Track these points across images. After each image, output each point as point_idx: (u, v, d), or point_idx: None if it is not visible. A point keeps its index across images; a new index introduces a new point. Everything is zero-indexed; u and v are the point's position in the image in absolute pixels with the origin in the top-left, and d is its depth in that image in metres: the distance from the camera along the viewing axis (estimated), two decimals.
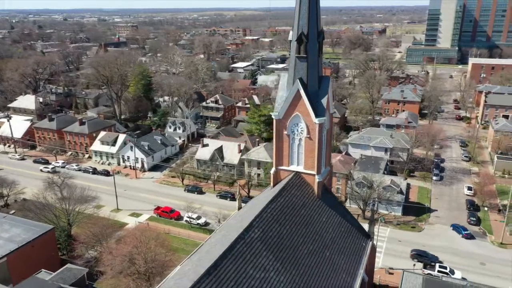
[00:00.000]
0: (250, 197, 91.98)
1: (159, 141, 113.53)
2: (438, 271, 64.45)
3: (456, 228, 79.48)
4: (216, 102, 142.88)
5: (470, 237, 77.16)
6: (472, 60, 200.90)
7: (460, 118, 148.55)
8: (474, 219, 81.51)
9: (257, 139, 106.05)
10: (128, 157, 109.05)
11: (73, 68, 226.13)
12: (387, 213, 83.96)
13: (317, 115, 48.75)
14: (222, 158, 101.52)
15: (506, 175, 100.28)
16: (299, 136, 50.96)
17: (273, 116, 51.19)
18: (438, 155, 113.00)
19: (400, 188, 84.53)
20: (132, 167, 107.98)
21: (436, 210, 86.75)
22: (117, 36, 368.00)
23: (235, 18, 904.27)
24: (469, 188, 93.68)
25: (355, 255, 49.35)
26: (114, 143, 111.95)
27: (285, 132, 51.20)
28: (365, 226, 56.59)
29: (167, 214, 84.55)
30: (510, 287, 60.56)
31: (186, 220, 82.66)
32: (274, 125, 51.43)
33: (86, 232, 67.63)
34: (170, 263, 59.25)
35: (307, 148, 50.68)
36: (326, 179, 54.27)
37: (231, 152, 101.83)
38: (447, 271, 64.83)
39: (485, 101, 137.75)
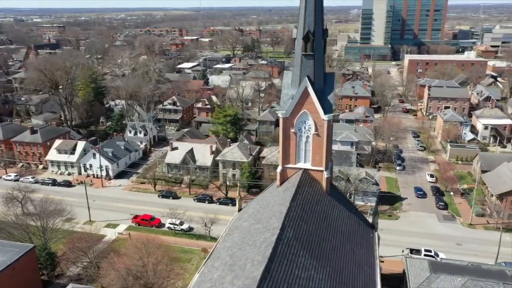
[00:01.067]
0: (228, 198, 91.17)
1: (123, 147, 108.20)
2: (425, 255, 68.48)
3: (415, 188, 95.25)
4: (174, 104, 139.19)
5: (422, 196, 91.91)
6: (408, 57, 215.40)
7: (406, 111, 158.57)
8: (443, 203, 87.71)
9: (228, 140, 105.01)
10: (91, 166, 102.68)
11: (2, 73, 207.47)
12: (364, 204, 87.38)
13: (325, 112, 49.37)
14: (194, 160, 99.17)
15: (460, 162, 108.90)
16: (306, 134, 51.11)
17: (280, 115, 50.91)
18: (396, 146, 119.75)
19: (375, 180, 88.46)
20: (96, 176, 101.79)
21: (407, 198, 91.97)
22: (47, 37, 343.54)
23: (166, 18, 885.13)
24: (431, 176, 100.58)
25: (368, 246, 50.99)
26: (73, 151, 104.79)
27: (292, 130, 51.12)
28: None
29: (147, 222, 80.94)
30: (491, 263, 65.82)
31: (168, 227, 79.73)
32: (281, 124, 51.22)
33: (70, 248, 62.85)
34: (172, 273, 57.07)
35: (315, 144, 51.05)
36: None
37: (203, 154, 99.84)
38: (432, 254, 69.16)
39: (429, 94, 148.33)
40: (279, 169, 53.08)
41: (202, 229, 78.00)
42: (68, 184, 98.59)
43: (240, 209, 60.37)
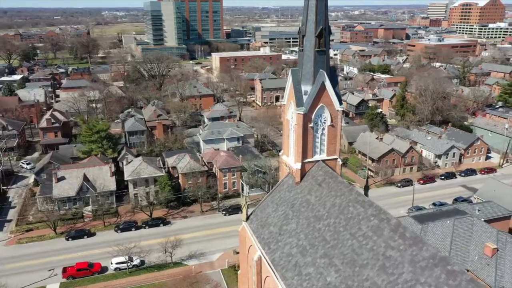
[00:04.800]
0: (156, 219, 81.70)
1: None
2: None
3: None
4: (4, 128, 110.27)
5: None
6: (217, 54, 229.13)
7: (244, 104, 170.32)
8: None
9: (127, 157, 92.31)
10: None
11: None
12: None
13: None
14: (93, 187, 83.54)
15: None
16: (322, 126, 53.51)
17: (299, 112, 51.28)
18: (265, 135, 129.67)
19: None
20: None
21: None
22: None
23: None
24: None
25: None
26: None
27: (310, 125, 52.61)
28: None
29: (87, 271, 65.17)
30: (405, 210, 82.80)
31: (116, 268, 66.64)
32: (300, 121, 51.57)
33: None
34: None
35: (330, 135, 54.11)
36: None
37: (103, 178, 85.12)
38: None
39: (262, 86, 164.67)
40: (298, 165, 53.37)
41: (157, 258, 68.96)
42: None
43: (248, 218, 57.57)
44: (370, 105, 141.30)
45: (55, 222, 76.73)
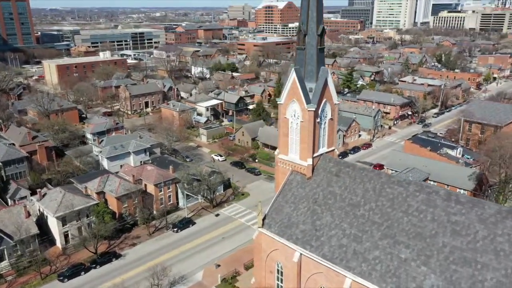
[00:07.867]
0: (105, 254, 69.39)
1: None
2: None
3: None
4: None
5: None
6: (51, 62, 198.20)
7: (109, 114, 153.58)
8: (257, 171, 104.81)
9: (40, 190, 73.94)
10: None
11: None
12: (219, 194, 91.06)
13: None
14: (8, 236, 65.16)
15: (216, 140, 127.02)
16: (324, 121, 56.39)
17: (310, 109, 52.65)
18: (162, 143, 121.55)
19: (219, 170, 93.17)
20: None
21: (229, 178, 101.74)
22: None
23: None
24: (220, 155, 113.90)
25: None
26: None
27: (317, 120, 54.83)
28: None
29: None
30: None
31: None
32: (311, 117, 53.18)
33: None
34: None
35: (330, 128, 57.72)
36: None
37: (15, 221, 66.87)
38: None
39: (130, 93, 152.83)
40: (309, 161, 54.98)
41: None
42: None
43: (263, 224, 55.65)
44: (247, 101, 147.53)
45: None
